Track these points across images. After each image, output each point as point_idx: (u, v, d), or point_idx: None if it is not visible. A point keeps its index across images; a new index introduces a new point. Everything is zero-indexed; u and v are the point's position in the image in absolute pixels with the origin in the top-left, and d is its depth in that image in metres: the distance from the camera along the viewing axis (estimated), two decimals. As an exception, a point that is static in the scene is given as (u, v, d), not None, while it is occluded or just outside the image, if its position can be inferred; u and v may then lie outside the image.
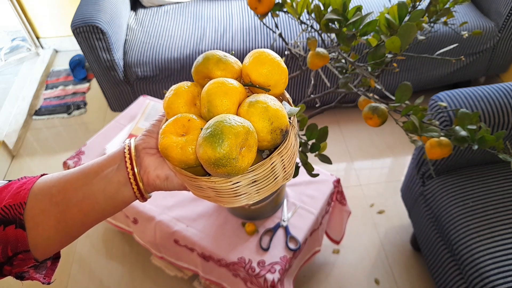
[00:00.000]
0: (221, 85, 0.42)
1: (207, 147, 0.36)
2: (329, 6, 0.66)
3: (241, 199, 0.43)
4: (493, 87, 1.13)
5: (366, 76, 0.69)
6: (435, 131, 0.63)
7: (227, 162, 0.36)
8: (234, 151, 0.36)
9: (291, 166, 0.45)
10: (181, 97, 0.45)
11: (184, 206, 1.16)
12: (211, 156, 0.36)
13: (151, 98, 1.50)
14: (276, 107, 0.41)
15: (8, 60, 2.47)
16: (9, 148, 1.95)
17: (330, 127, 1.95)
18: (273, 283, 0.99)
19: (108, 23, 1.64)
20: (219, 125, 0.37)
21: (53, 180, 0.43)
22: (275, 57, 0.45)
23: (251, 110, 0.40)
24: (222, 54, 0.46)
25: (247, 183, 0.41)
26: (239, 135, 0.36)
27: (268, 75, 0.44)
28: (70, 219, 0.42)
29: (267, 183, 0.42)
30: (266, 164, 0.40)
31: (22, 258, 0.41)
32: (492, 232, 1.04)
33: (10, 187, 0.42)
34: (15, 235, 0.40)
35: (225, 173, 0.38)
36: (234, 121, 0.37)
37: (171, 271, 1.44)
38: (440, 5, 0.70)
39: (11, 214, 0.40)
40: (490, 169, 1.20)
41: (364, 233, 1.54)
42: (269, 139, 0.41)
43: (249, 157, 0.38)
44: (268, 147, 0.42)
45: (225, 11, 1.93)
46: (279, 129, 0.41)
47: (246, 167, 0.38)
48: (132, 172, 0.43)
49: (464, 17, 1.81)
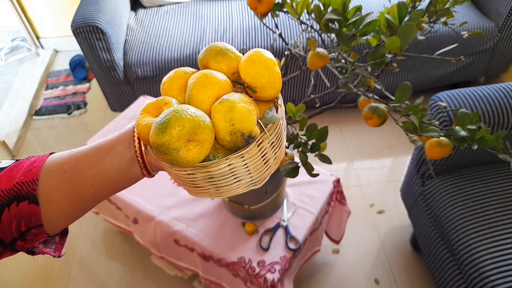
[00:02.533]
0: (203, 76, 0.42)
1: (153, 132, 0.37)
2: (329, 6, 0.67)
3: (201, 192, 0.44)
4: (493, 87, 1.13)
5: (366, 76, 0.69)
6: (435, 131, 0.63)
7: (167, 151, 0.37)
8: (176, 141, 0.37)
9: (260, 173, 0.44)
10: (174, 82, 0.45)
11: (184, 206, 1.16)
12: (154, 141, 0.37)
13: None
14: (243, 109, 0.40)
15: (8, 60, 2.47)
16: (9, 148, 1.95)
17: (330, 127, 1.95)
18: (273, 283, 0.99)
19: (108, 23, 1.64)
20: (170, 114, 0.38)
21: (64, 157, 0.44)
22: (268, 59, 0.43)
23: (217, 107, 0.40)
24: (223, 47, 0.46)
25: (202, 177, 0.41)
26: (183, 128, 0.37)
27: (255, 76, 0.43)
28: (83, 193, 0.43)
29: (227, 183, 0.42)
30: (221, 163, 0.40)
31: (35, 233, 0.42)
32: (492, 232, 1.04)
33: (20, 165, 0.43)
34: (29, 210, 0.41)
35: (168, 161, 0.39)
36: (186, 113, 0.38)
37: (171, 271, 1.44)
38: (440, 5, 0.70)
39: (24, 191, 0.41)
40: (490, 169, 1.20)
41: (364, 233, 1.54)
42: (229, 140, 0.40)
43: (197, 152, 0.39)
44: (229, 148, 0.42)
45: (225, 11, 1.93)
46: (240, 132, 0.40)
47: (191, 160, 0.39)
48: (139, 151, 0.45)
49: (464, 17, 1.81)
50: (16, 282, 1.48)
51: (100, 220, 1.62)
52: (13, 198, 0.41)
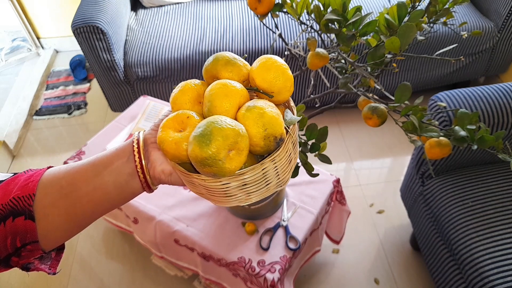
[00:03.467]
0: (223, 86, 0.42)
1: (195, 145, 0.37)
2: (328, 6, 0.67)
3: (231, 200, 0.43)
4: (492, 87, 1.14)
5: (366, 76, 0.69)
6: (435, 131, 0.63)
7: (213, 163, 0.37)
8: (221, 152, 0.37)
9: (286, 174, 0.45)
10: (186, 94, 0.45)
11: (184, 206, 1.16)
12: (198, 155, 0.37)
13: (152, 98, 1.51)
14: (272, 114, 0.41)
15: (9, 60, 2.47)
16: (9, 148, 1.95)
17: (330, 127, 1.95)
18: (273, 282, 0.99)
19: (109, 24, 1.65)
20: (210, 125, 0.37)
21: (62, 172, 0.43)
22: (281, 64, 0.45)
23: (247, 114, 0.41)
24: (231, 56, 0.47)
25: (237, 185, 0.41)
26: (227, 138, 0.37)
27: (272, 82, 0.44)
28: (80, 209, 0.43)
29: (258, 188, 0.43)
30: (256, 169, 0.40)
31: (30, 249, 0.41)
32: (492, 232, 1.05)
33: (18, 179, 0.42)
34: (24, 226, 0.40)
35: (211, 173, 0.38)
36: (225, 123, 0.38)
37: (171, 271, 1.44)
38: (439, 6, 0.70)
39: (20, 206, 0.40)
40: (489, 169, 1.20)
41: (363, 233, 1.55)
42: (262, 145, 0.41)
43: (238, 160, 0.39)
44: (261, 153, 0.42)
45: (225, 11, 1.93)
46: (272, 136, 0.41)
47: (234, 169, 0.39)
48: (140, 165, 0.44)
49: (463, 18, 1.81)
50: (16, 282, 1.48)
51: (100, 220, 1.62)
52: (9, 213, 0.40)
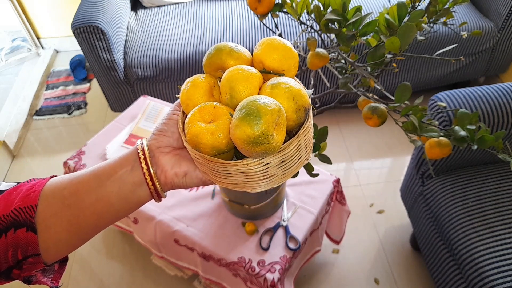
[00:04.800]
0: (242, 71, 0.43)
1: (245, 126, 0.37)
2: (328, 6, 0.67)
3: (268, 182, 0.43)
4: (492, 87, 1.14)
5: (366, 76, 0.69)
6: (435, 131, 0.63)
7: (266, 139, 0.37)
8: (271, 128, 0.37)
9: (310, 146, 0.46)
10: (199, 88, 0.45)
11: (184, 206, 1.16)
12: (250, 135, 0.36)
13: (152, 98, 1.51)
14: (298, 87, 0.42)
15: (9, 60, 2.47)
16: (9, 148, 1.95)
17: (330, 127, 1.95)
18: (273, 282, 0.99)
19: (109, 24, 1.65)
20: (253, 104, 0.37)
21: (64, 182, 0.42)
22: (286, 43, 0.46)
23: (275, 91, 0.41)
24: (233, 45, 0.47)
25: (276, 163, 0.42)
26: (273, 112, 0.37)
27: (281, 60, 0.45)
28: (83, 221, 0.41)
29: (292, 164, 0.43)
30: (293, 142, 0.41)
31: (31, 261, 0.40)
32: (492, 232, 1.05)
33: (19, 189, 0.41)
34: (26, 238, 0.39)
35: (262, 151, 0.38)
36: (267, 100, 0.38)
37: (171, 271, 1.44)
38: (439, 6, 0.70)
39: (22, 217, 0.39)
40: (489, 169, 1.20)
41: (363, 233, 1.55)
42: (295, 118, 0.42)
43: (282, 134, 0.39)
44: (293, 127, 0.43)
45: (225, 11, 1.93)
46: (303, 107, 0.42)
47: (280, 144, 0.39)
48: (148, 173, 0.43)
49: (463, 18, 1.81)
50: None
51: (100, 220, 1.62)
52: (10, 225, 0.39)
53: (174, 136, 0.46)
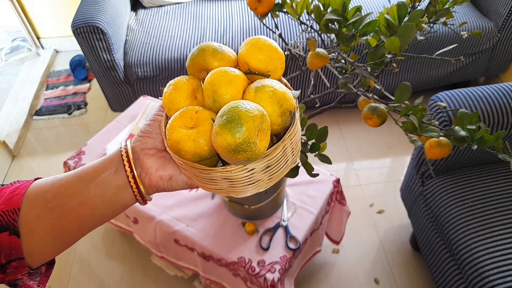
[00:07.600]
0: (224, 73, 0.41)
1: (226, 133, 0.35)
2: (328, 6, 0.67)
3: (254, 187, 0.42)
4: (492, 87, 1.14)
5: (366, 76, 0.69)
6: (435, 131, 0.63)
7: (247, 147, 0.36)
8: (253, 135, 0.36)
9: (297, 149, 0.45)
10: (181, 91, 0.43)
11: (184, 206, 1.16)
12: (231, 143, 0.35)
13: (152, 98, 1.51)
14: (283, 89, 0.41)
15: (9, 60, 2.47)
16: (9, 148, 1.95)
17: (330, 127, 1.94)
18: (273, 282, 0.99)
19: (109, 24, 1.65)
20: (235, 110, 0.36)
21: (48, 184, 0.41)
22: (271, 43, 0.44)
23: (259, 95, 0.40)
24: (217, 45, 0.45)
25: (261, 168, 0.40)
26: (256, 119, 0.36)
27: (267, 61, 0.43)
28: (67, 225, 0.41)
29: (278, 168, 0.42)
30: (279, 147, 0.40)
31: (15, 265, 0.39)
32: (492, 232, 1.05)
33: (3, 192, 0.40)
34: (9, 242, 0.38)
35: (245, 159, 0.37)
36: (248, 106, 0.37)
37: (171, 271, 1.44)
38: (439, 6, 0.70)
39: (5, 221, 0.38)
40: (489, 169, 1.20)
41: (363, 233, 1.55)
42: (280, 122, 0.40)
43: (265, 140, 0.38)
44: (278, 131, 0.42)
45: (225, 12, 1.93)
46: (288, 111, 0.40)
47: (263, 151, 0.38)
48: (132, 175, 0.42)
49: (463, 18, 1.81)
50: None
51: (100, 220, 1.62)
52: None
53: (158, 138, 0.44)
